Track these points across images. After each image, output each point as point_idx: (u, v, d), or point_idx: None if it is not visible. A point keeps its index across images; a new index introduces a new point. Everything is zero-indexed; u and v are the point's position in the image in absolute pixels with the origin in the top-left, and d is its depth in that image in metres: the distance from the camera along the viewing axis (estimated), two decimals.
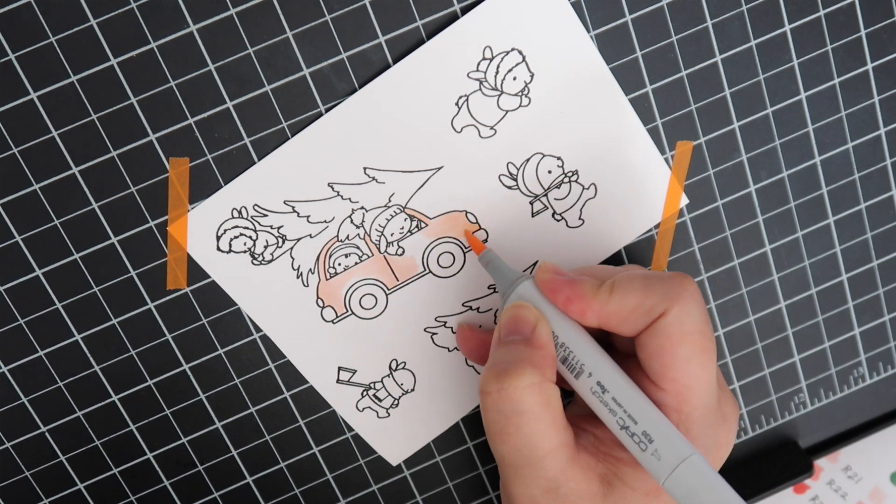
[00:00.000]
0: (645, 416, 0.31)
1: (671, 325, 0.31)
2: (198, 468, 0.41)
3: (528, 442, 0.31)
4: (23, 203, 0.36)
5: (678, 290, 0.31)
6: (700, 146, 0.40)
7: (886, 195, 0.42)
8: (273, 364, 0.40)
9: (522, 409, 0.31)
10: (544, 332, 0.32)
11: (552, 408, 0.31)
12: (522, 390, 0.31)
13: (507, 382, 0.31)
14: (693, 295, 0.31)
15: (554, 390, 0.32)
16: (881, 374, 0.45)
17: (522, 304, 0.33)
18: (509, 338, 0.33)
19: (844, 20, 0.39)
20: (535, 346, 0.32)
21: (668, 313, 0.31)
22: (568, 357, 0.32)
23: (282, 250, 0.38)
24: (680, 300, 0.31)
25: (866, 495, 0.46)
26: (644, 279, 0.32)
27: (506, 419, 0.31)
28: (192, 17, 0.35)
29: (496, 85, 0.37)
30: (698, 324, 0.31)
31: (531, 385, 0.31)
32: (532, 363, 0.31)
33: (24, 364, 0.38)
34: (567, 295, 0.32)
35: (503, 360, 0.32)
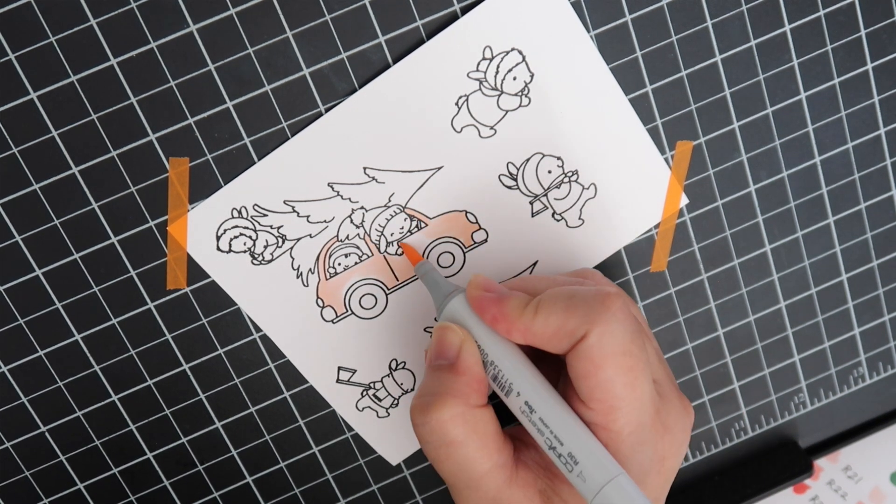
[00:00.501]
0: (571, 436, 0.31)
1: (592, 348, 0.30)
2: (198, 468, 0.41)
3: (462, 468, 0.32)
4: (23, 203, 0.36)
5: (599, 311, 0.31)
6: (700, 146, 0.40)
7: (886, 195, 0.42)
8: (273, 364, 0.40)
9: (449, 439, 0.31)
10: (469, 356, 0.32)
11: (480, 433, 0.32)
12: (446, 423, 0.31)
13: (430, 415, 0.31)
14: (615, 315, 0.31)
15: (481, 415, 0.32)
16: (881, 374, 0.45)
17: (447, 326, 0.33)
18: (436, 362, 0.33)
19: (844, 20, 0.39)
20: (459, 371, 0.32)
21: (589, 335, 0.30)
22: (497, 375, 0.32)
23: (282, 250, 0.38)
24: (600, 322, 0.30)
25: (866, 495, 0.46)
26: (567, 299, 0.31)
27: (436, 449, 0.32)
28: (192, 17, 0.35)
29: (496, 85, 0.37)
30: (622, 344, 0.31)
31: (454, 417, 0.31)
32: (453, 393, 0.31)
33: (24, 364, 0.38)
34: (493, 314, 0.32)
35: (428, 391, 0.32)
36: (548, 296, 0.32)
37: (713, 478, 0.46)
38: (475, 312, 0.33)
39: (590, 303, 0.31)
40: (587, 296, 0.31)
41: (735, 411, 0.45)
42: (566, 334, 0.31)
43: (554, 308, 0.31)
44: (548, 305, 0.31)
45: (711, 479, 0.46)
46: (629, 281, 0.41)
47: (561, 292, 0.32)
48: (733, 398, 0.44)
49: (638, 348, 0.31)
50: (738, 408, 0.45)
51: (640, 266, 0.41)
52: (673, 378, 0.36)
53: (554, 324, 0.31)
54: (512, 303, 0.32)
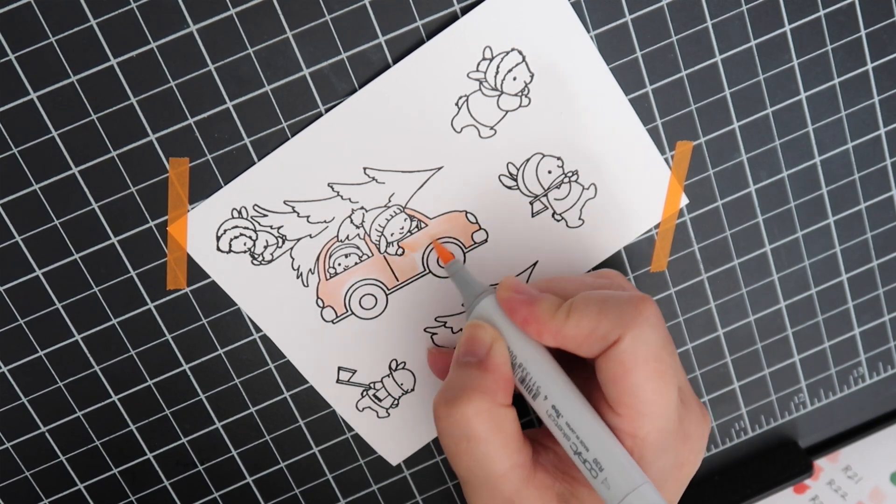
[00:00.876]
0: (597, 443, 0.31)
1: (625, 353, 0.30)
2: (198, 468, 0.41)
3: (481, 464, 0.32)
4: (23, 203, 0.36)
5: (632, 315, 0.31)
6: (700, 146, 0.40)
7: (886, 195, 0.42)
8: (273, 364, 0.40)
9: (471, 434, 0.31)
10: (499, 354, 0.32)
11: (503, 431, 0.31)
12: (471, 417, 0.31)
13: (456, 409, 0.31)
14: (648, 319, 0.31)
15: (506, 413, 0.32)
16: (881, 374, 0.45)
17: (479, 324, 0.33)
18: (464, 358, 0.33)
19: (844, 20, 0.39)
20: (487, 369, 0.32)
21: (622, 340, 0.30)
22: (525, 378, 0.32)
23: (282, 250, 0.38)
24: (634, 326, 0.30)
25: (866, 495, 0.46)
26: (600, 302, 0.31)
27: (456, 443, 0.32)
28: (192, 17, 0.35)
29: (496, 85, 0.37)
30: (654, 350, 0.31)
31: (479, 412, 0.31)
32: (482, 389, 0.31)
33: (24, 364, 0.38)
34: (524, 315, 0.32)
35: (455, 385, 0.32)
36: (580, 299, 0.32)
37: (713, 478, 0.46)
38: (506, 314, 0.33)
39: (623, 307, 0.31)
40: (621, 300, 0.31)
41: (735, 411, 0.45)
42: (598, 338, 0.31)
43: (587, 311, 0.31)
44: (581, 308, 0.31)
45: (711, 479, 0.46)
46: (629, 281, 0.41)
47: (594, 296, 0.32)
48: (733, 398, 0.44)
49: (668, 355, 0.31)
50: (738, 408, 0.45)
51: (640, 266, 0.41)
52: (690, 385, 0.36)
53: (587, 327, 0.31)
54: (543, 305, 0.32)
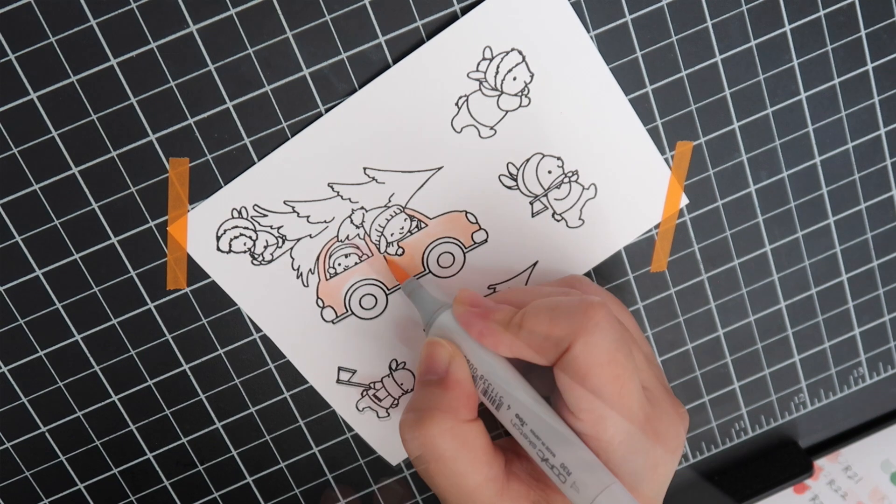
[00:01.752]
0: (563, 448, 0.31)
1: (577, 359, 0.30)
2: (198, 468, 0.41)
3: (453, 482, 0.32)
4: (23, 203, 0.36)
5: (582, 321, 0.30)
6: (700, 146, 0.40)
7: (886, 195, 0.42)
8: (273, 364, 0.40)
9: (439, 454, 0.31)
10: (459, 370, 0.33)
11: (470, 447, 0.32)
12: (436, 437, 0.31)
13: (421, 431, 0.31)
14: (599, 324, 0.30)
15: (471, 429, 0.32)
16: (881, 374, 0.45)
17: (437, 341, 0.33)
18: (425, 377, 0.33)
19: (844, 20, 0.39)
20: (448, 386, 0.32)
21: (574, 346, 0.30)
22: (488, 389, 0.32)
23: (282, 250, 0.38)
24: (583, 332, 0.30)
25: (866, 495, 0.46)
26: (550, 311, 0.31)
27: (426, 464, 0.32)
28: (192, 17, 0.35)
29: (496, 85, 0.37)
30: (607, 353, 0.30)
31: (443, 432, 0.31)
32: (444, 408, 0.32)
33: (24, 364, 0.38)
34: (480, 329, 0.33)
35: (418, 406, 0.32)
36: (532, 308, 0.32)
37: (713, 478, 0.46)
38: (462, 327, 0.33)
39: (573, 313, 0.31)
40: (570, 306, 0.31)
41: (735, 411, 0.45)
42: (551, 346, 0.31)
43: (538, 320, 0.31)
44: (532, 317, 0.32)
45: (711, 479, 0.46)
46: (629, 281, 0.41)
47: (544, 304, 0.32)
48: (733, 398, 0.44)
49: (624, 356, 0.31)
50: (738, 408, 0.45)
51: (641, 266, 0.41)
52: (666, 383, 0.35)
53: (539, 335, 0.31)
54: (497, 316, 0.33)
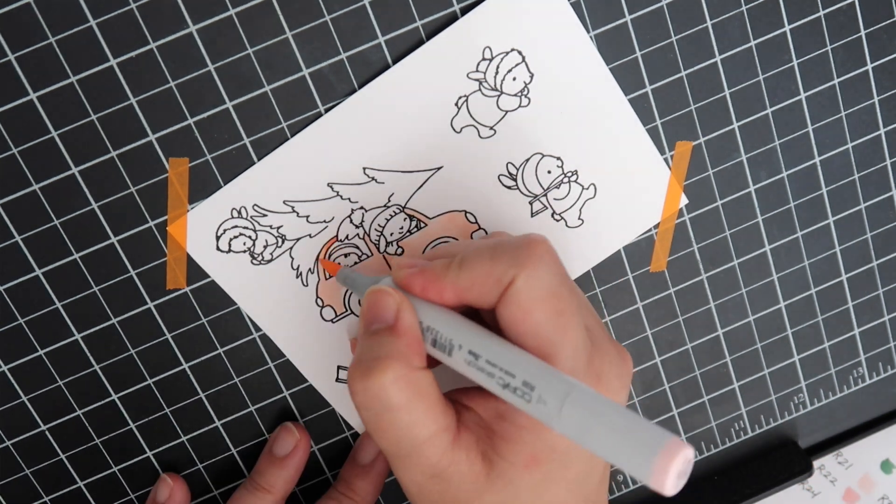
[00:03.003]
0: (521, 367, 0.29)
1: (520, 292, 0.30)
2: (197, 466, 0.41)
3: (405, 434, 0.31)
4: (23, 203, 0.36)
5: (525, 255, 0.30)
6: (700, 146, 0.40)
7: (886, 195, 0.42)
8: (273, 363, 0.40)
9: (391, 404, 0.30)
10: (408, 316, 0.31)
11: (425, 396, 0.30)
12: (388, 387, 0.30)
13: (372, 380, 0.30)
14: (542, 257, 0.30)
15: (423, 376, 0.31)
16: (881, 374, 0.45)
17: (381, 289, 0.32)
18: (372, 327, 0.32)
19: (844, 20, 0.39)
20: (398, 333, 0.31)
21: (517, 280, 0.30)
22: (437, 338, 0.31)
23: (281, 250, 0.38)
24: (527, 265, 0.30)
25: (856, 482, 0.47)
26: (491, 248, 0.31)
27: (378, 416, 0.30)
28: (191, 17, 0.35)
29: (496, 85, 0.37)
30: (550, 287, 0.30)
31: (397, 380, 0.30)
32: (395, 355, 0.30)
33: (24, 364, 0.38)
34: (420, 284, 0.32)
35: (367, 356, 0.31)
36: (471, 249, 0.32)
37: (713, 478, 0.46)
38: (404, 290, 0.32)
39: (514, 248, 0.30)
40: (512, 242, 0.31)
41: (735, 411, 0.45)
42: (494, 282, 0.30)
43: (479, 258, 0.31)
44: (472, 257, 0.31)
45: (711, 479, 0.46)
46: (628, 281, 0.41)
47: (484, 243, 0.32)
48: (733, 398, 0.44)
49: (567, 291, 0.31)
50: (738, 408, 0.45)
51: (640, 266, 0.41)
52: (604, 328, 0.35)
53: (480, 273, 0.30)
54: (435, 266, 0.32)
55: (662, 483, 0.24)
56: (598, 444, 0.27)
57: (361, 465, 0.41)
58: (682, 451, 0.24)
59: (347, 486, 0.40)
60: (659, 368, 0.43)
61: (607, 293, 0.41)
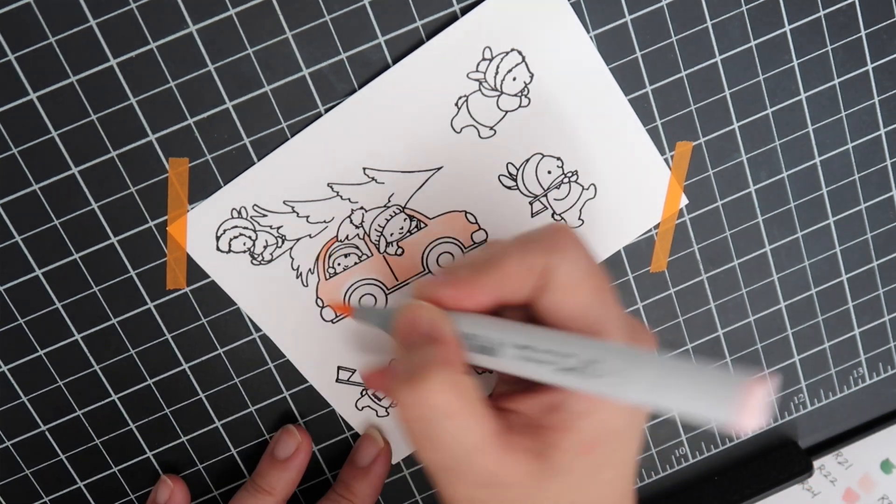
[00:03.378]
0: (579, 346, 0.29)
1: (561, 276, 0.30)
2: (197, 467, 0.41)
3: (456, 441, 0.30)
4: (23, 203, 0.36)
5: (555, 240, 0.30)
6: (700, 146, 0.40)
7: (886, 195, 0.42)
8: (272, 364, 0.40)
9: (442, 411, 0.29)
10: (447, 325, 0.31)
11: (471, 400, 0.29)
12: (437, 392, 0.29)
13: (420, 386, 0.29)
14: (572, 240, 0.30)
15: (470, 382, 0.30)
16: (881, 374, 0.45)
17: (415, 304, 0.31)
18: (410, 339, 0.31)
19: (844, 20, 0.39)
20: (440, 341, 0.30)
21: (553, 266, 0.30)
22: (479, 343, 0.31)
23: (281, 250, 0.38)
24: (559, 249, 0.30)
25: (856, 482, 0.47)
26: (519, 241, 0.31)
27: (427, 425, 0.29)
28: (191, 17, 0.35)
29: (496, 85, 0.37)
30: (587, 266, 0.30)
31: (444, 384, 0.29)
32: (441, 361, 0.29)
33: (23, 363, 0.38)
34: (452, 292, 0.31)
35: (411, 366, 0.30)
36: (496, 246, 0.31)
37: (713, 478, 0.46)
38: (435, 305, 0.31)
39: (543, 236, 0.30)
40: (539, 232, 0.31)
41: None
42: (527, 272, 0.30)
43: (508, 252, 0.30)
44: (500, 253, 0.31)
45: (711, 479, 0.46)
46: (629, 281, 0.41)
47: (509, 240, 0.31)
48: None
49: (600, 269, 0.31)
50: None
51: (640, 266, 0.41)
52: None
53: (513, 266, 0.30)
54: (461, 271, 0.31)
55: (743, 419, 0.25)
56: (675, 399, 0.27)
57: (360, 467, 0.41)
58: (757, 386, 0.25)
59: (346, 488, 0.40)
60: None
61: None
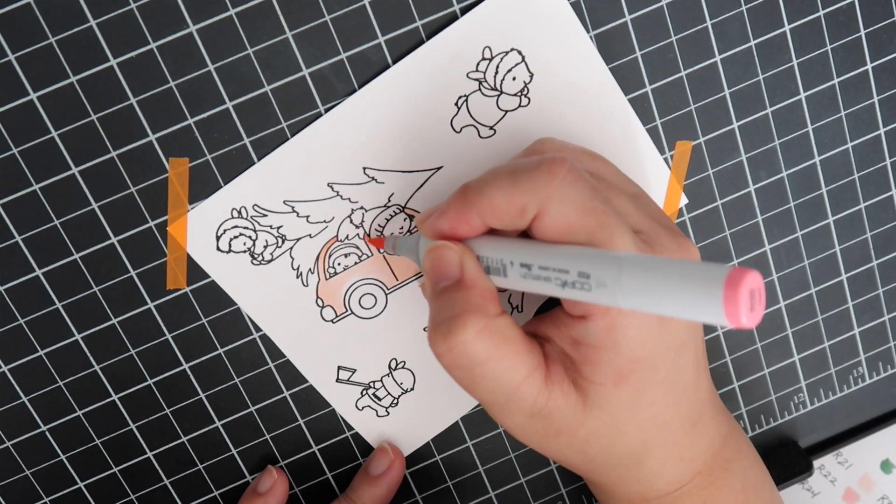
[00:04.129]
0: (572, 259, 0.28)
1: (553, 221, 0.29)
2: (198, 467, 0.41)
3: (499, 383, 0.30)
4: (23, 203, 0.36)
5: (546, 181, 0.29)
6: (699, 146, 0.40)
7: (886, 195, 0.42)
8: (273, 363, 0.40)
9: (480, 358, 0.30)
10: (473, 267, 0.31)
11: (508, 341, 0.30)
12: (473, 342, 0.29)
13: (454, 339, 0.30)
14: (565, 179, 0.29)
15: (503, 322, 0.30)
16: (881, 373, 0.45)
17: (441, 244, 0.31)
18: (440, 285, 0.31)
19: (844, 20, 0.39)
20: (467, 285, 0.30)
21: (545, 211, 0.29)
22: (489, 264, 0.31)
23: (281, 250, 0.38)
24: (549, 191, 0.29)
25: (856, 482, 0.47)
26: (510, 175, 0.30)
27: (469, 372, 0.30)
28: (191, 17, 0.35)
29: (496, 85, 0.37)
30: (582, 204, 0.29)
31: (478, 331, 0.29)
32: (470, 308, 0.30)
33: (24, 364, 0.38)
34: (448, 223, 0.31)
35: (443, 316, 0.30)
36: (489, 173, 0.31)
37: None
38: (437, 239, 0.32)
39: (533, 175, 0.29)
40: (530, 167, 0.30)
41: (735, 411, 0.45)
42: (517, 212, 0.29)
43: (498, 184, 0.30)
44: (491, 182, 0.30)
45: None
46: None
47: (502, 168, 0.30)
48: (733, 398, 0.44)
49: (602, 202, 0.29)
50: (738, 407, 0.45)
51: None
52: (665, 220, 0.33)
53: (501, 202, 0.30)
54: (454, 200, 0.31)
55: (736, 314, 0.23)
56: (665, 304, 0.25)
57: (372, 476, 0.41)
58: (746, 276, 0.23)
59: (358, 496, 0.41)
60: None
61: None
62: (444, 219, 0.31)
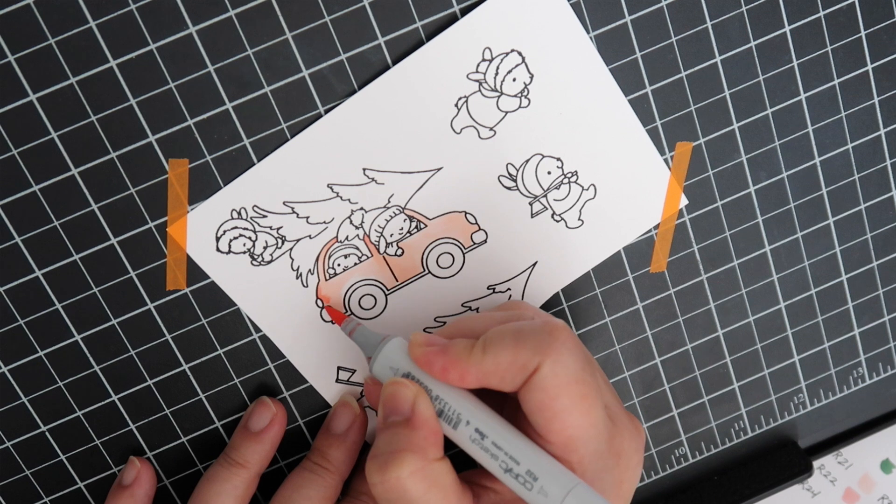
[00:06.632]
0: (526, 455, 0.31)
1: (546, 379, 0.31)
2: (197, 467, 0.41)
3: None
4: (23, 204, 0.36)
5: (549, 342, 0.31)
6: (699, 147, 0.40)
7: (886, 195, 0.42)
8: (272, 364, 0.40)
9: (409, 497, 0.31)
10: (425, 409, 0.32)
11: (440, 486, 0.31)
12: (405, 480, 0.31)
13: (389, 474, 0.31)
14: (565, 343, 0.31)
15: (440, 468, 0.32)
16: (881, 374, 0.45)
17: (398, 381, 0.33)
18: (389, 419, 0.33)
19: (844, 21, 0.39)
20: (415, 426, 0.32)
21: (542, 367, 0.31)
22: (444, 409, 0.32)
23: (281, 251, 0.38)
24: (551, 352, 0.31)
25: (856, 482, 0.47)
26: (515, 334, 0.32)
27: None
28: (191, 18, 0.35)
29: (496, 86, 0.37)
30: (574, 373, 0.31)
31: (413, 473, 0.31)
32: (412, 448, 0.31)
33: (24, 364, 0.38)
34: (442, 364, 0.32)
35: (385, 449, 0.32)
36: (494, 333, 0.32)
37: (713, 478, 0.46)
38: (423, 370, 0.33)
39: (538, 335, 0.31)
40: (535, 328, 0.32)
41: (735, 411, 0.45)
42: (518, 369, 0.31)
43: (503, 344, 0.32)
44: (496, 341, 0.32)
45: (711, 479, 0.46)
46: (628, 281, 0.41)
47: (507, 328, 0.32)
48: (733, 398, 0.44)
49: (589, 375, 0.32)
50: (738, 408, 0.45)
51: (640, 267, 0.41)
52: (620, 400, 0.36)
53: (505, 359, 0.31)
54: (457, 348, 0.33)
55: None
56: None
57: (335, 434, 0.40)
58: None
59: (322, 457, 0.40)
60: (659, 369, 0.43)
61: (607, 294, 0.41)
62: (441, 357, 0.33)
